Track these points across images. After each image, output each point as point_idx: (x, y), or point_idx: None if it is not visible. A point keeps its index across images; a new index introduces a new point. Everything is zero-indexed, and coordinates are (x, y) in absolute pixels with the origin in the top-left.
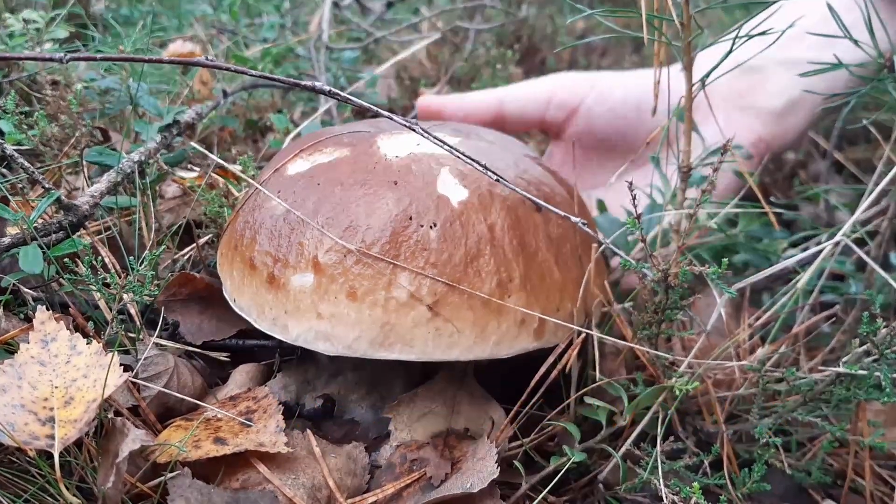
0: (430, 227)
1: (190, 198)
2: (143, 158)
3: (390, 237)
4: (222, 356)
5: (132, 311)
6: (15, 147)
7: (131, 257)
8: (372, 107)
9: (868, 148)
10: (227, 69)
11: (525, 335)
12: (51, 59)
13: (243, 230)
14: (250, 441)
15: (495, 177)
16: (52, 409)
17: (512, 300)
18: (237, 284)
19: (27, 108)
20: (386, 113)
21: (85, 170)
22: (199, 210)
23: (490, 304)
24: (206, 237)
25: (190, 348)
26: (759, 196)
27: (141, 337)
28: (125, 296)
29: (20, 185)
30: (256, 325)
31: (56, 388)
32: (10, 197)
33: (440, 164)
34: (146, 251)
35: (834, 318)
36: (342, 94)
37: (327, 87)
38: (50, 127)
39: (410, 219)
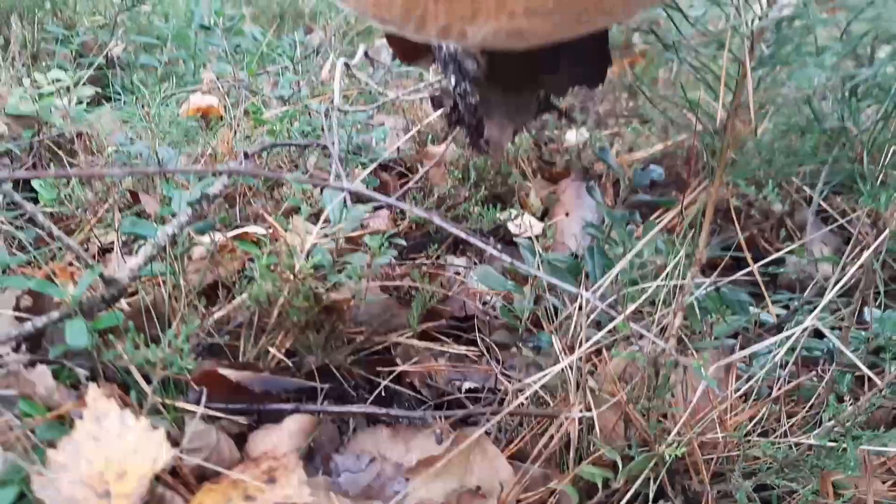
0: None
1: (216, 258)
2: (175, 231)
3: None
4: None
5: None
6: (50, 209)
7: (168, 329)
8: (373, 194)
9: (852, 197)
10: (253, 175)
11: None
12: (65, 176)
13: None
14: (276, 495)
15: None
16: (107, 482)
17: None
18: None
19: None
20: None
21: (118, 237)
22: (230, 268)
23: None
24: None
25: (220, 415)
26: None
27: (170, 404)
28: (163, 369)
29: (58, 251)
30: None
31: (110, 462)
32: (54, 271)
33: None
34: (177, 320)
35: (814, 373)
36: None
37: (346, 185)
38: (83, 192)
39: None
